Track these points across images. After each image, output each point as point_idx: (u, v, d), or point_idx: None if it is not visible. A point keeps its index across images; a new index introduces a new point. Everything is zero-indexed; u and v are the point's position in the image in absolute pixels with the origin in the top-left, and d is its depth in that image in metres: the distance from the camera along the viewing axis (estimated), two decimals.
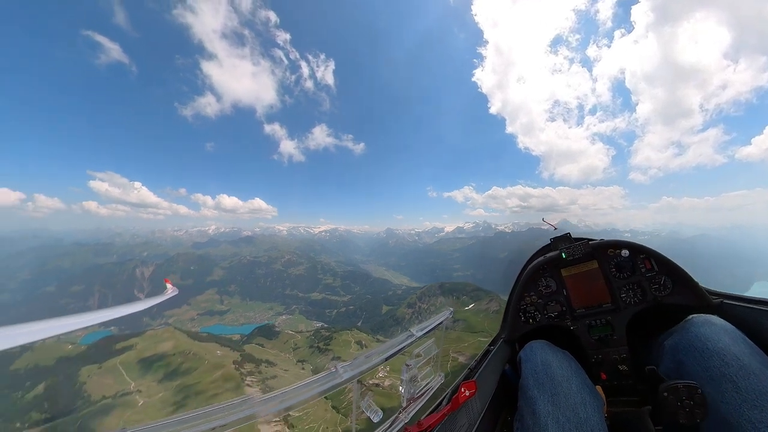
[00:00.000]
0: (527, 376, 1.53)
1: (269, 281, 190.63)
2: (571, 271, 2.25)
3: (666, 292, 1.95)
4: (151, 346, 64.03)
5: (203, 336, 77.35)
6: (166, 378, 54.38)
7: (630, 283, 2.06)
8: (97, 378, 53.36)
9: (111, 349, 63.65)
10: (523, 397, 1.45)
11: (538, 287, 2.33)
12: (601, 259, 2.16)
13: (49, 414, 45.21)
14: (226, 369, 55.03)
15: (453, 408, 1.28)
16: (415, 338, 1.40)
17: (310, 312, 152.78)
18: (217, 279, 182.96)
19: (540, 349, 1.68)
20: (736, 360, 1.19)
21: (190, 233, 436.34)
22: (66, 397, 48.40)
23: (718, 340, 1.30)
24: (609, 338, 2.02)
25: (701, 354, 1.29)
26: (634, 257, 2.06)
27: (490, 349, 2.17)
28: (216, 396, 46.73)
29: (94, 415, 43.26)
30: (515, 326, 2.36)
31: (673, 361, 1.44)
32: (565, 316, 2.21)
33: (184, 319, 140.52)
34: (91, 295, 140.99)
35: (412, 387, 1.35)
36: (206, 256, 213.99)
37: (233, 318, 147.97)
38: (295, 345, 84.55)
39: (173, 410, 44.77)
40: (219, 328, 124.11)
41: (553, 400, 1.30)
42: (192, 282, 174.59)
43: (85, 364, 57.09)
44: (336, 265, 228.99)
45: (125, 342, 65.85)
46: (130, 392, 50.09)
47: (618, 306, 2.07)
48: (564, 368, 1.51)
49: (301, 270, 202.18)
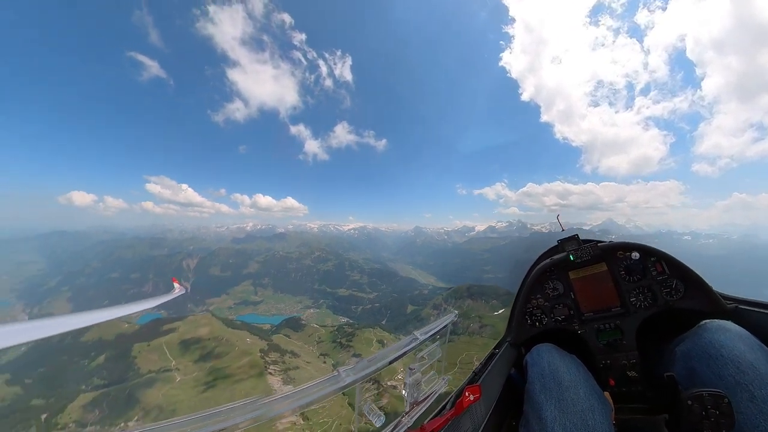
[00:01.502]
0: (534, 381, 1.49)
1: (299, 276, 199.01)
2: (579, 274, 2.20)
3: (678, 297, 1.88)
4: (191, 329, 70.07)
5: (237, 324, 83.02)
6: (201, 359, 59.29)
7: (640, 286, 2.00)
8: (146, 354, 59.80)
9: (158, 330, 70.68)
10: (529, 402, 1.41)
11: (545, 290, 2.28)
12: (610, 261, 2.10)
13: (106, 381, 51.92)
14: (252, 356, 58.43)
15: (457, 412, 1.25)
16: (419, 341, 1.37)
17: (337, 307, 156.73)
18: (253, 272, 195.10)
19: (547, 353, 1.64)
20: (752, 368, 1.14)
21: (230, 229, 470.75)
22: (120, 368, 55.02)
23: (733, 347, 1.24)
24: (618, 343, 1.96)
25: (715, 361, 1.24)
26: (644, 260, 2.00)
27: (496, 352, 2.10)
28: (240, 381, 49.96)
29: (140, 386, 48.66)
30: (521, 329, 2.31)
31: (685, 368, 1.38)
32: (573, 319, 2.16)
33: (222, 307, 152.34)
34: (146, 281, 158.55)
35: (416, 391, 1.32)
36: (243, 250, 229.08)
37: (265, 308, 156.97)
38: (319, 338, 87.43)
39: (204, 389, 48.77)
40: (252, 317, 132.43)
41: (560, 405, 1.26)
42: (230, 274, 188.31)
43: (137, 341, 64.19)
44: (363, 262, 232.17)
45: (170, 324, 72.80)
46: (171, 369, 55.42)
47: (627, 310, 2.00)
48: (571, 373, 1.46)
49: (330, 266, 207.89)
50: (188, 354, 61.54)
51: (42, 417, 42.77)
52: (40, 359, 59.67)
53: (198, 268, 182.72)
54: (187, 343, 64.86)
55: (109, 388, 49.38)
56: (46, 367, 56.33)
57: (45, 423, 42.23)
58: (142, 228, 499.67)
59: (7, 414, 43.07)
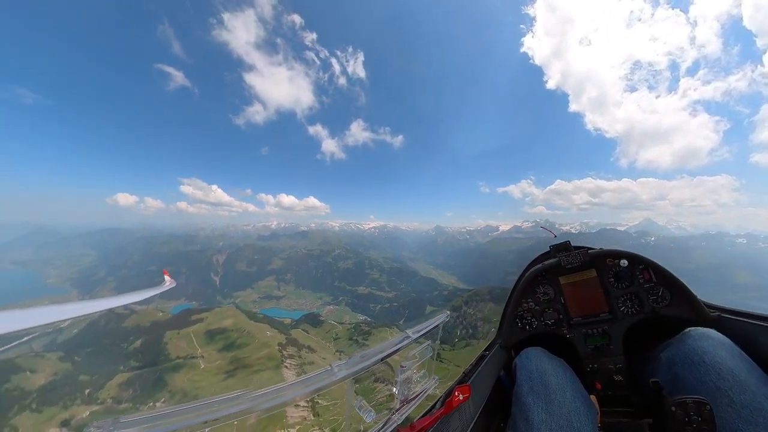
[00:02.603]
0: (522, 383, 1.52)
1: (320, 273, 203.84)
2: (570, 280, 2.26)
3: (664, 304, 1.95)
4: (217, 320, 74.41)
5: (259, 317, 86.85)
6: (224, 349, 62.85)
7: (628, 293, 2.07)
8: (176, 341, 64.40)
9: (188, 319, 75.73)
10: (517, 403, 1.44)
11: (535, 294, 2.35)
12: (600, 268, 2.17)
13: (140, 363, 56.72)
14: (270, 349, 60.85)
15: (446, 411, 1.27)
16: (411, 340, 1.40)
17: (356, 305, 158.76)
18: (276, 268, 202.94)
19: (535, 356, 1.68)
20: (733, 375, 1.18)
21: (256, 227, 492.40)
22: (153, 353, 59.76)
23: (715, 354, 1.29)
24: (605, 348, 2.02)
25: (697, 367, 1.29)
26: (632, 267, 2.06)
27: (486, 354, 2.14)
28: (258, 372, 52.30)
29: (169, 370, 52.63)
30: (512, 332, 2.37)
31: (669, 373, 1.43)
32: (562, 324, 2.22)
33: (247, 300, 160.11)
34: (180, 274, 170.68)
35: (406, 389, 1.34)
36: (268, 247, 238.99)
37: (287, 303, 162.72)
38: (336, 335, 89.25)
39: (224, 378, 51.70)
40: (274, 311, 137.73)
41: (547, 408, 1.29)
42: (255, 269, 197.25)
43: (169, 329, 69.26)
44: (383, 261, 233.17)
45: (199, 315, 77.77)
46: (196, 356, 59.34)
47: (615, 316, 2.07)
48: (559, 376, 1.50)
49: (350, 264, 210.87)
50: (213, 343, 65.49)
51: (86, 391, 47.93)
52: (88, 340, 66.49)
53: (226, 263, 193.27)
54: (212, 333, 69.03)
55: (142, 370, 54.01)
56: (92, 347, 62.58)
57: (88, 397, 47.31)
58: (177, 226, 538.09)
59: (58, 386, 48.77)
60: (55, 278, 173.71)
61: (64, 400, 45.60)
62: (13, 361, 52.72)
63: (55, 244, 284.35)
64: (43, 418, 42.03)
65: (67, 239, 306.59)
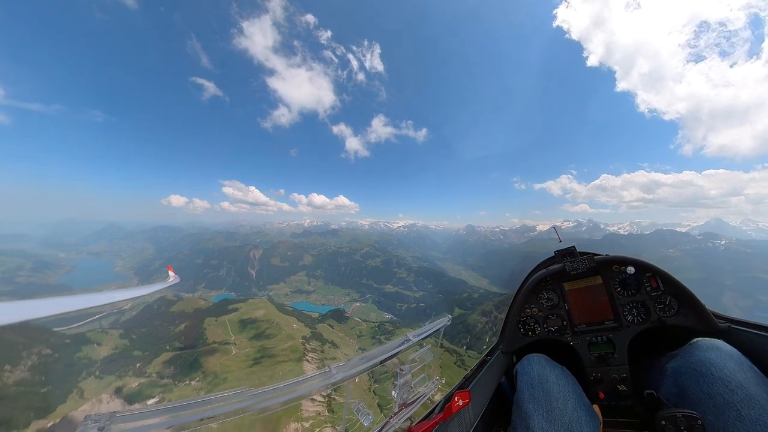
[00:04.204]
0: (523, 390, 1.50)
1: (348, 270, 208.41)
2: (574, 286, 2.24)
3: (671, 313, 1.91)
4: (250, 311, 79.58)
5: (288, 309, 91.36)
6: (254, 338, 67.08)
7: (634, 301, 2.03)
8: (213, 327, 70.21)
9: (225, 308, 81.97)
10: (518, 411, 1.42)
11: (539, 300, 2.33)
12: (606, 274, 2.13)
13: (182, 345, 62.79)
14: (295, 342, 63.26)
15: (445, 417, 1.26)
16: (411, 343, 1.38)
17: (382, 303, 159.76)
18: (307, 264, 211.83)
19: (537, 363, 1.66)
20: (742, 388, 1.15)
21: (290, 225, 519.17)
22: (193, 336, 65.86)
23: (724, 366, 1.25)
24: (609, 356, 1.97)
25: (705, 379, 1.25)
26: (639, 275, 2.02)
27: (487, 359, 2.12)
28: (281, 363, 54.97)
29: (205, 353, 57.65)
30: (514, 338, 2.35)
31: (675, 385, 1.40)
32: (566, 330, 2.19)
33: (280, 293, 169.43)
34: (222, 267, 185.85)
35: (405, 392, 1.33)
36: (300, 244, 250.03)
37: (316, 298, 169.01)
38: (360, 333, 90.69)
39: (251, 364, 55.16)
40: (304, 305, 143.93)
41: (548, 416, 1.27)
42: (288, 265, 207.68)
43: (208, 316, 75.68)
44: (412, 260, 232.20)
45: (235, 304, 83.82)
46: (229, 343, 64.12)
47: (620, 324, 2.02)
48: (561, 384, 1.48)
49: (378, 262, 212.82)
50: (245, 331, 70.24)
51: (137, 365, 54.45)
52: (143, 321, 75.36)
53: (262, 258, 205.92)
54: (245, 322, 74.01)
55: (183, 351, 59.78)
56: (146, 327, 70.73)
57: (138, 370, 53.67)
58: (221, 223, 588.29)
59: (116, 359, 56.21)
60: (122, 267, 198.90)
61: (119, 371, 52.31)
62: (84, 334, 61.82)
63: (122, 238, 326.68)
64: (103, 384, 48.67)
65: (131, 235, 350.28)
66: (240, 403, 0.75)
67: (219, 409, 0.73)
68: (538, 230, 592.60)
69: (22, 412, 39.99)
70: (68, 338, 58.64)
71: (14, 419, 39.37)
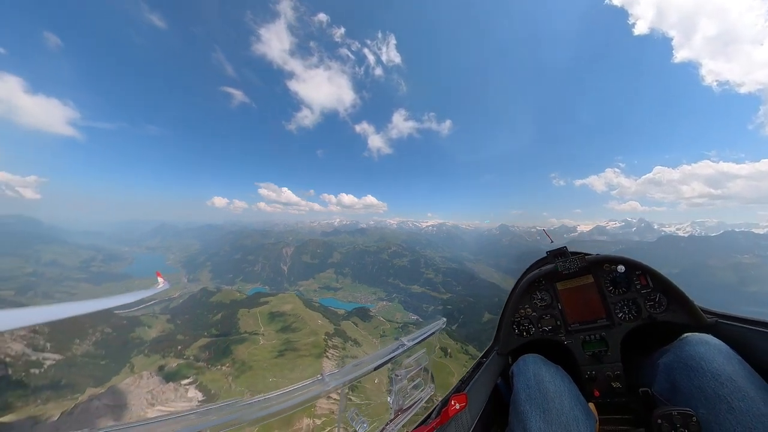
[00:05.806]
0: (519, 391, 1.51)
1: (376, 269, 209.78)
2: (567, 285, 2.28)
3: (661, 310, 1.94)
4: (279, 304, 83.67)
5: (315, 305, 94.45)
6: (281, 330, 70.47)
7: (625, 299, 2.07)
8: (245, 318, 75.02)
9: (258, 301, 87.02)
10: (515, 412, 1.42)
11: (533, 300, 2.37)
12: (597, 274, 2.18)
13: (218, 332, 68.02)
14: (317, 337, 65.06)
15: (442, 421, 1.25)
16: (406, 348, 1.37)
17: (408, 303, 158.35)
18: (336, 261, 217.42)
19: (533, 363, 1.67)
20: (731, 381, 1.18)
21: (321, 224, 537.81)
22: (228, 325, 71.02)
23: (713, 360, 1.29)
24: (603, 354, 2.01)
25: (695, 373, 1.29)
26: (629, 273, 2.06)
27: (483, 361, 2.16)
28: (302, 357, 57.01)
29: (236, 341, 61.91)
30: (509, 339, 2.38)
31: (667, 380, 1.43)
32: (560, 330, 2.22)
33: (309, 289, 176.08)
34: (257, 263, 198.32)
35: (401, 398, 1.31)
36: (329, 242, 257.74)
37: (344, 295, 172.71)
38: (383, 332, 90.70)
39: (276, 356, 58.00)
40: (331, 301, 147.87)
41: (545, 416, 1.28)
42: (318, 262, 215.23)
43: (242, 307, 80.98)
44: (440, 260, 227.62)
45: (267, 298, 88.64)
46: (258, 333, 68.13)
47: (613, 322, 2.06)
48: (557, 384, 1.49)
49: (405, 262, 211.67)
50: (273, 324, 74.05)
51: (178, 348, 60.22)
52: (187, 309, 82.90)
53: (293, 255, 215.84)
54: (274, 315, 77.99)
55: (218, 338, 64.79)
56: (189, 315, 77.68)
57: (179, 352, 59.34)
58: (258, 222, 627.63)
59: (162, 341, 62.84)
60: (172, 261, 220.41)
61: (163, 352, 58.24)
62: (138, 318, 69.77)
63: (173, 235, 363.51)
64: (149, 362, 54.62)
65: (181, 232, 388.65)
66: (230, 414, 0.73)
67: (207, 423, 0.71)
68: (579, 231, 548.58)
69: (84, 379, 46.50)
70: (125, 320, 66.65)
71: (78, 384, 45.95)
